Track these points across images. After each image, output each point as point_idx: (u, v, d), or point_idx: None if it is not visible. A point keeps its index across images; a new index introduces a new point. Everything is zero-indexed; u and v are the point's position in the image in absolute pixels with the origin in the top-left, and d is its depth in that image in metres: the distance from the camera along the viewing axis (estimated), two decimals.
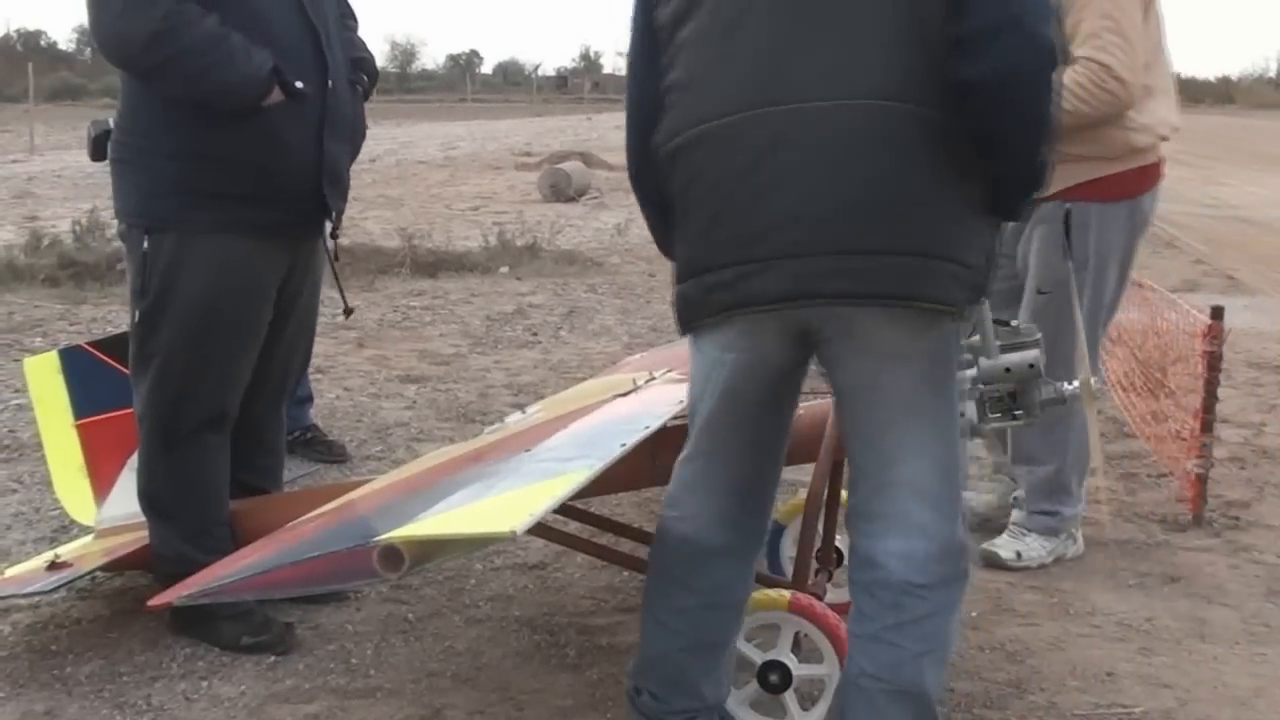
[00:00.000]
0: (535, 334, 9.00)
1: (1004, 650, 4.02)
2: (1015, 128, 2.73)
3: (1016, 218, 3.06)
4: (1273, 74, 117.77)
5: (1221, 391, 7.08)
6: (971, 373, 3.52)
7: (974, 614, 4.26)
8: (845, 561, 3.93)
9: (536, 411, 4.39)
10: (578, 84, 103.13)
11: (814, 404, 3.81)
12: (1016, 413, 3.60)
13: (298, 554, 2.87)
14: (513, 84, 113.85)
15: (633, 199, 3.35)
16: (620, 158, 17.24)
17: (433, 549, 2.71)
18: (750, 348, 2.92)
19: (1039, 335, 3.57)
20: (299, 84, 3.82)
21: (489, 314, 9.63)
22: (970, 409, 3.52)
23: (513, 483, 3.09)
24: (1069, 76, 4.08)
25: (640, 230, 11.92)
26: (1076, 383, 3.58)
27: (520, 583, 4.48)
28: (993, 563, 4.64)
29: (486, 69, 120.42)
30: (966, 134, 2.72)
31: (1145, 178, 4.49)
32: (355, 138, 4.23)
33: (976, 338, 3.53)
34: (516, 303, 10.13)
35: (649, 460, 3.80)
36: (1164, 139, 4.45)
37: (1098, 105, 4.19)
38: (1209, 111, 66.01)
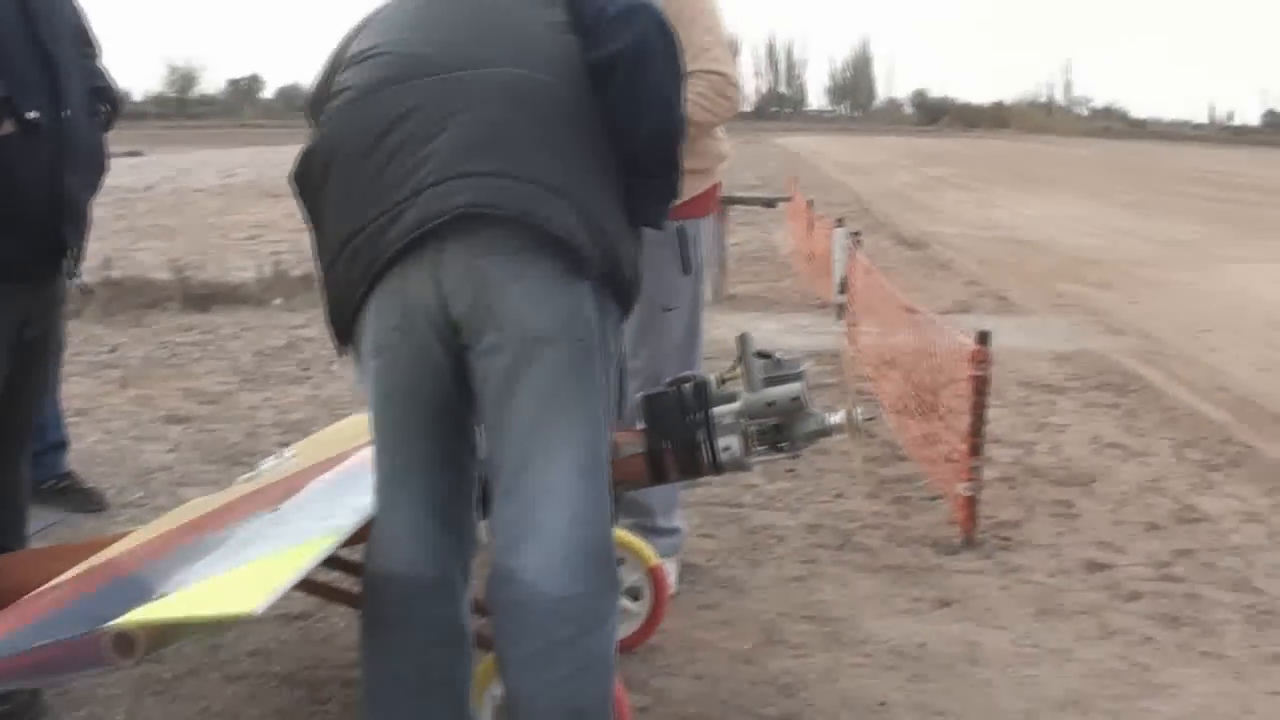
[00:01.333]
0: (306, 369, 8.75)
1: (776, 684, 3.95)
2: (651, 102, 2.83)
3: (657, 223, 3.05)
4: (1044, 99, 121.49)
5: (992, 412, 7.22)
6: (736, 406, 3.48)
7: (746, 647, 4.20)
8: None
9: (292, 457, 4.22)
10: None
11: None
12: (781, 445, 3.57)
13: (22, 642, 2.66)
14: (295, 109, 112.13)
15: None
16: None
17: (169, 632, 2.54)
18: (402, 341, 2.79)
19: (803, 368, 3.55)
20: (31, 114, 3.61)
21: (260, 349, 9.35)
22: (735, 444, 3.48)
23: (256, 551, 2.92)
24: (690, 90, 4.13)
25: None
26: (841, 414, 3.56)
27: (282, 635, 4.28)
28: None
29: (268, 93, 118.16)
30: (607, 126, 2.84)
31: (718, 191, 4.74)
32: (95, 170, 4.00)
33: (739, 370, 3.50)
34: (289, 336, 9.85)
35: None
36: None
37: (721, 112, 4.42)
38: (985, 136, 67.90)
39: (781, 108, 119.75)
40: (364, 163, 2.78)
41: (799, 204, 14.01)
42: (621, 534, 4.07)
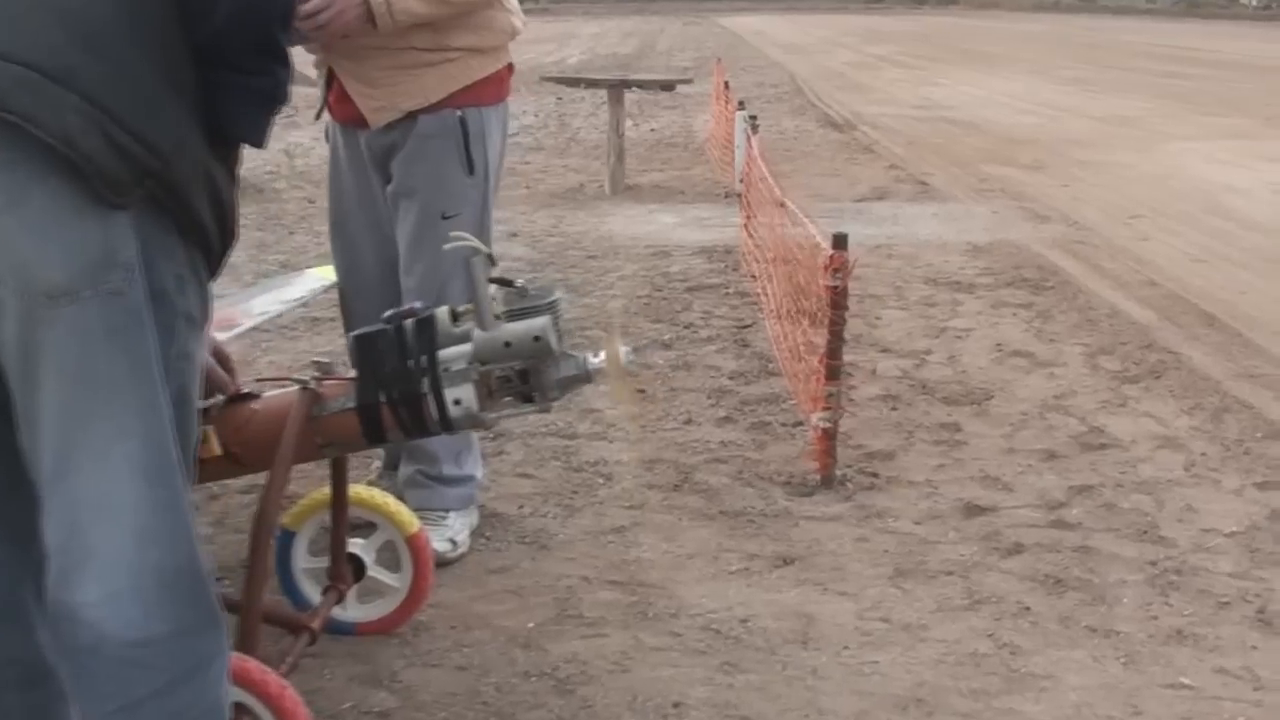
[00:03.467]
0: None
1: (554, 676, 3.20)
2: None
3: (253, 137, 2.16)
4: None
5: (888, 314, 6.52)
6: (465, 348, 2.69)
7: (530, 625, 3.44)
8: (364, 573, 3.30)
9: None
10: None
11: (272, 396, 2.91)
12: (533, 396, 2.78)
13: None
14: None
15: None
16: None
17: None
18: None
19: (555, 298, 2.77)
20: None
21: None
22: (468, 395, 2.71)
23: None
24: None
25: (319, 151, 10.94)
26: (602, 355, 2.77)
27: None
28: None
29: None
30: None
31: (510, 75, 3.90)
32: None
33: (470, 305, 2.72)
34: None
35: None
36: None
37: None
38: (933, 13, 66.59)
39: None
40: None
41: (720, 87, 13.07)
42: (373, 494, 3.39)
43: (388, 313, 2.83)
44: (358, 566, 3.34)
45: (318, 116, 3.89)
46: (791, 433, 4.81)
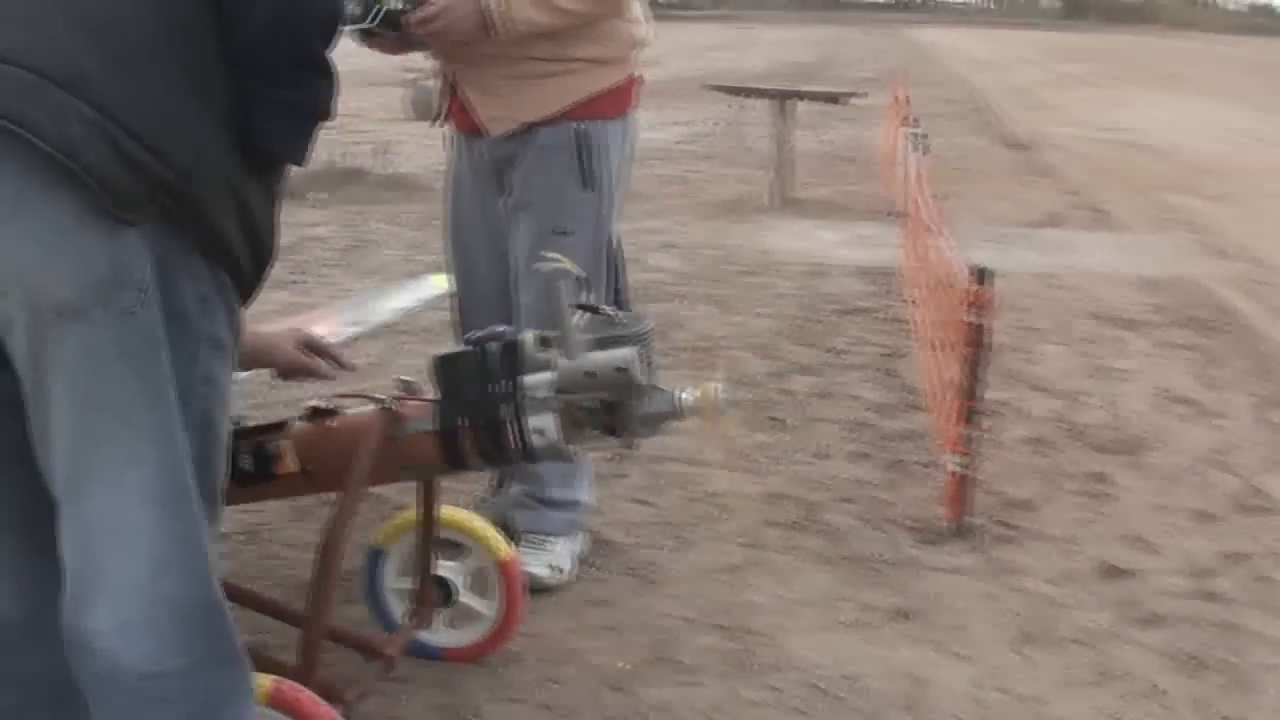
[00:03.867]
0: (302, 273, 7.87)
1: None
2: None
3: (291, 153, 2.01)
4: None
5: (1048, 350, 6.21)
6: (547, 376, 2.51)
7: (624, 666, 3.26)
8: (453, 598, 3.15)
9: None
10: None
11: (352, 414, 2.76)
12: (617, 430, 2.60)
13: None
14: None
15: None
16: None
17: None
18: None
19: (644, 328, 2.58)
20: None
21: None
22: (550, 425, 2.55)
23: None
24: None
25: None
26: (696, 392, 2.57)
27: None
28: (530, 586, 3.60)
29: None
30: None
31: (635, 86, 3.65)
32: None
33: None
34: (297, 235, 8.94)
35: None
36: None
37: None
38: (1129, 32, 65.04)
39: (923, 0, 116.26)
40: None
41: (899, 102, 12.73)
42: (466, 516, 3.21)
43: (472, 334, 2.68)
44: (447, 591, 3.19)
45: (438, 123, 3.75)
46: (928, 474, 4.55)
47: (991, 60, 34.22)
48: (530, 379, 2.58)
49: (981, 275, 3.95)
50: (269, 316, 6.59)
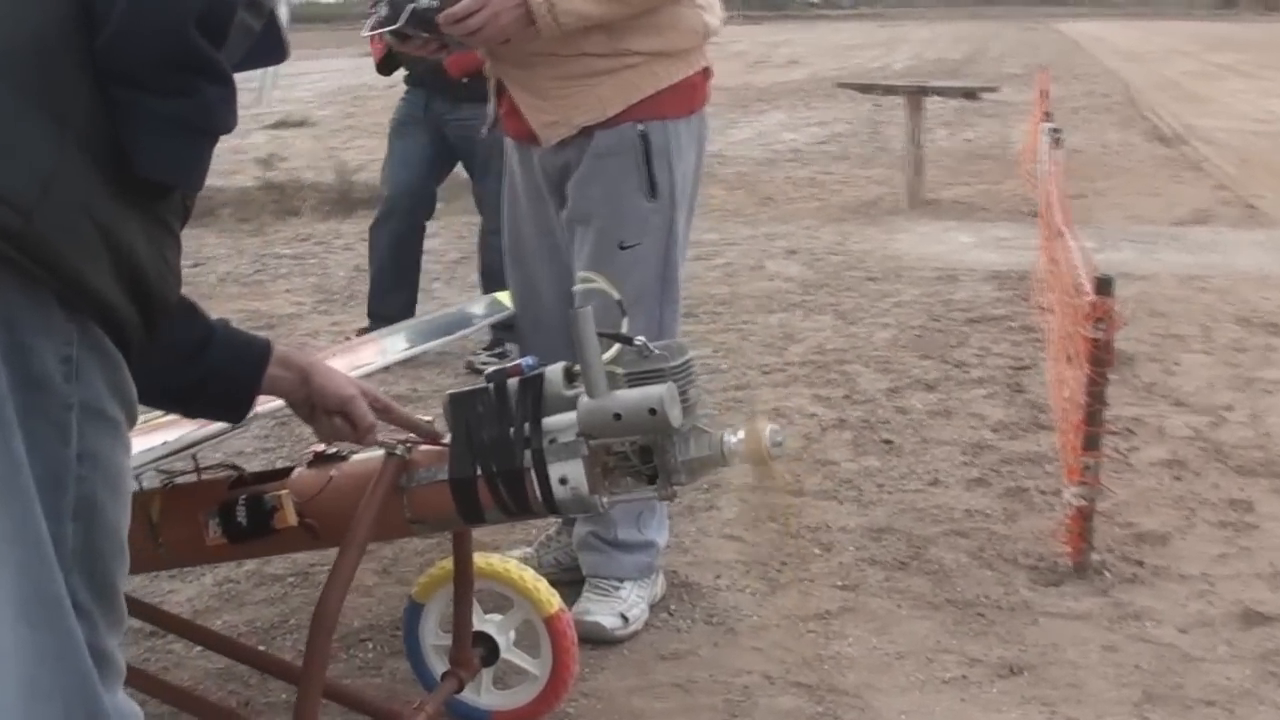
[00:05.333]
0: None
1: None
2: None
3: (161, 171, 1.58)
4: None
5: (1191, 359, 5.73)
6: (571, 418, 2.19)
7: None
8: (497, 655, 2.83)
9: None
10: None
11: (357, 460, 2.45)
12: (653, 477, 2.26)
13: None
14: None
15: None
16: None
17: None
18: None
19: (681, 362, 2.23)
20: None
21: (362, 265, 8.25)
22: (576, 473, 2.22)
23: None
24: None
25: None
26: (741, 434, 2.22)
27: None
28: (595, 637, 3.26)
29: None
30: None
31: (707, 81, 3.33)
32: None
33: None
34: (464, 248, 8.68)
35: (148, 537, 2.49)
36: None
37: None
38: None
39: None
40: None
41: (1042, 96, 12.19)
42: (508, 566, 2.91)
43: (491, 368, 2.35)
44: (491, 648, 2.86)
45: (488, 131, 3.43)
46: (1050, 503, 4.13)
47: (1142, 51, 33.12)
48: (553, 421, 2.25)
49: (1104, 284, 3.52)
50: (329, 334, 6.38)
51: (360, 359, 3.21)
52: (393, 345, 3.49)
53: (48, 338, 1.51)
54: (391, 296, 6.11)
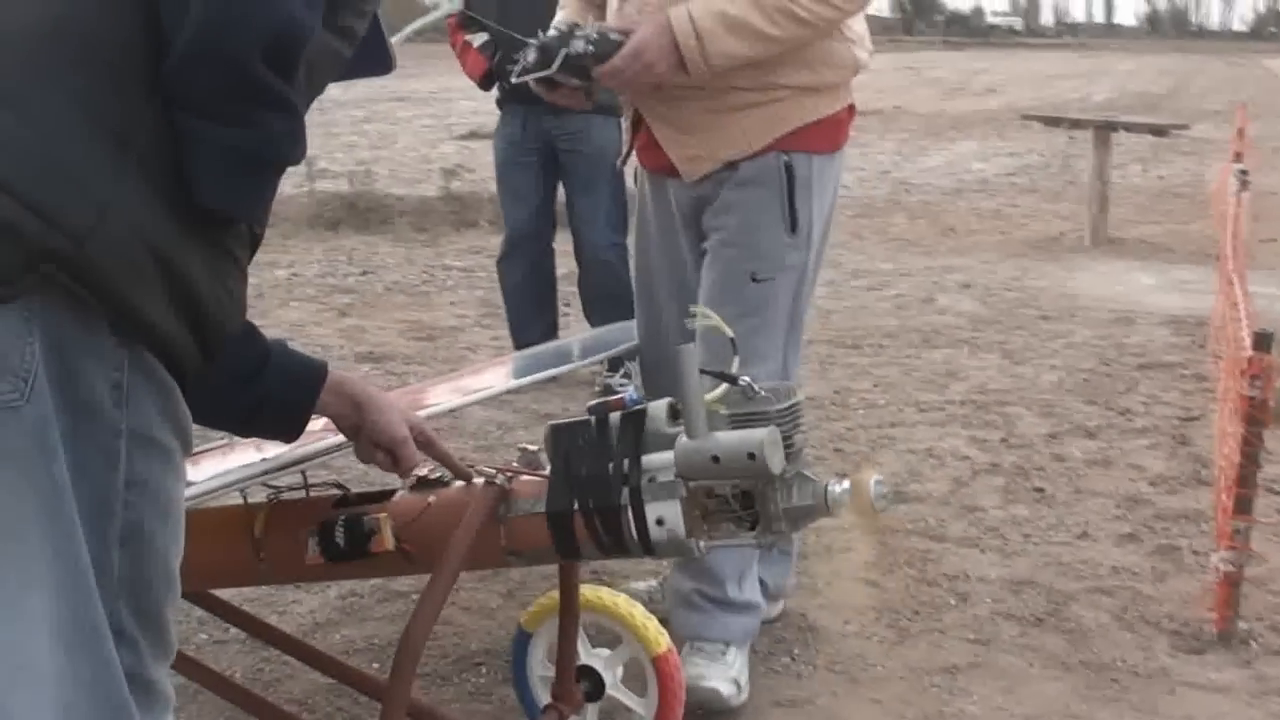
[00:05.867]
0: (567, 305, 7.61)
1: None
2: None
3: (224, 201, 1.52)
4: None
5: None
6: (669, 457, 2.12)
7: None
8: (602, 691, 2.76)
9: None
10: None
11: (458, 488, 2.41)
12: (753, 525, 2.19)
13: None
14: None
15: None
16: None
17: None
18: None
19: (787, 405, 2.16)
20: None
21: None
22: (673, 514, 2.15)
23: None
24: None
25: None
26: (846, 483, 2.14)
27: None
28: (711, 705, 3.10)
29: None
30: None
31: (851, 119, 3.22)
32: None
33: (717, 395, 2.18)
34: (570, 265, 8.71)
35: (249, 547, 2.48)
36: None
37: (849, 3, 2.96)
38: None
39: None
40: None
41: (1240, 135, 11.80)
42: (617, 601, 2.83)
43: (594, 401, 2.29)
44: (596, 682, 2.80)
45: (622, 163, 3.38)
46: (1202, 564, 3.94)
47: None
48: (653, 459, 2.19)
49: (1262, 339, 3.36)
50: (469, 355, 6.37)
51: (481, 383, 3.19)
52: (515, 371, 3.46)
53: (98, 363, 1.48)
54: (532, 327, 6.05)
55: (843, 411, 5.58)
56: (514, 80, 2.98)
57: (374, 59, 1.84)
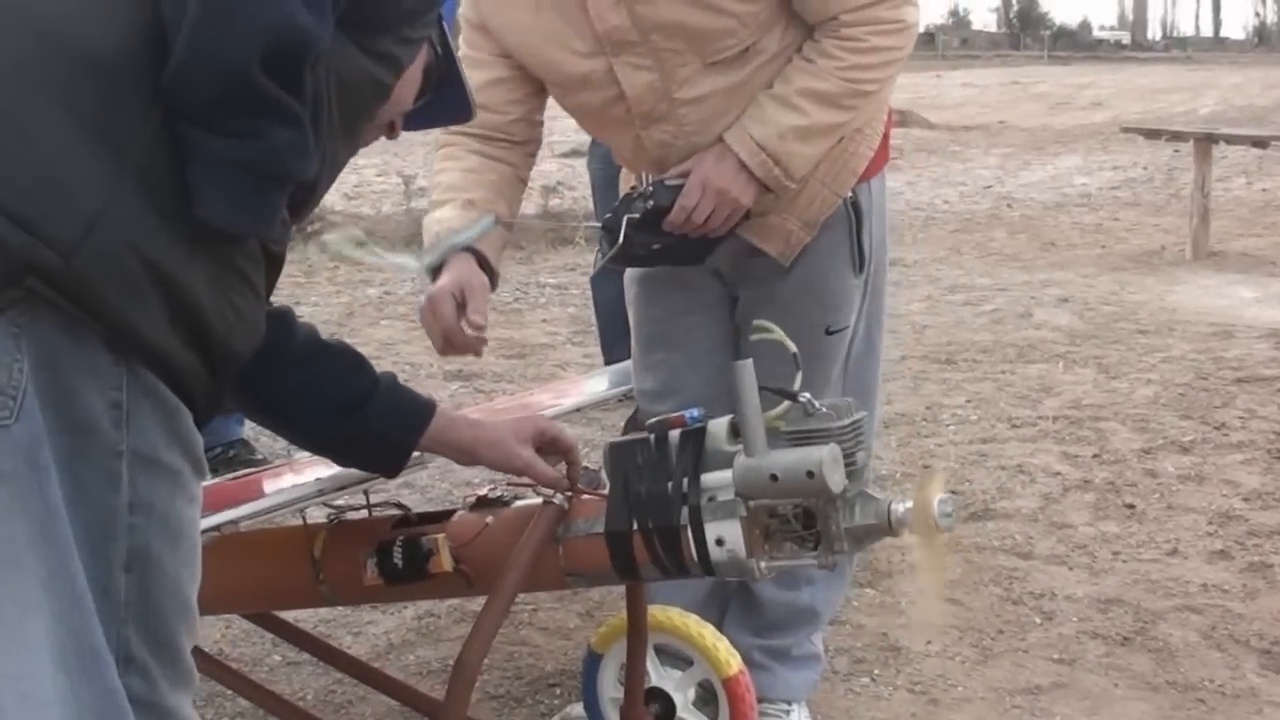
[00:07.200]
0: None
1: None
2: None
3: (243, 224, 1.50)
4: None
5: None
6: (728, 475, 2.10)
7: None
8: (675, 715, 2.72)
9: None
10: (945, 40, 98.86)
11: (517, 507, 2.40)
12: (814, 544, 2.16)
13: None
14: None
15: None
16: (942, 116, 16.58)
17: None
18: None
19: (847, 422, 2.12)
20: None
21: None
22: (734, 535, 2.13)
23: None
24: (869, 37, 2.59)
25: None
26: (909, 504, 2.10)
27: None
28: None
29: None
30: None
31: (891, 125, 2.97)
32: None
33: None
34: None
35: (310, 569, 2.49)
36: None
37: (898, 56, 2.67)
38: None
39: None
40: None
41: None
42: (687, 621, 2.75)
43: (653, 419, 2.27)
44: (666, 705, 2.78)
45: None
46: None
47: None
48: (712, 477, 2.16)
49: None
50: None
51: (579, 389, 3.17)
52: (595, 386, 3.46)
53: (93, 381, 1.44)
54: (623, 344, 6.02)
55: (934, 428, 5.53)
56: (597, 271, 2.79)
57: (454, 106, 1.87)
